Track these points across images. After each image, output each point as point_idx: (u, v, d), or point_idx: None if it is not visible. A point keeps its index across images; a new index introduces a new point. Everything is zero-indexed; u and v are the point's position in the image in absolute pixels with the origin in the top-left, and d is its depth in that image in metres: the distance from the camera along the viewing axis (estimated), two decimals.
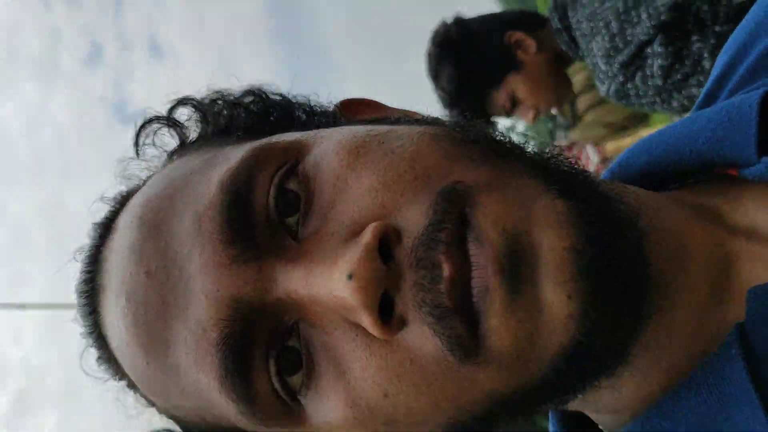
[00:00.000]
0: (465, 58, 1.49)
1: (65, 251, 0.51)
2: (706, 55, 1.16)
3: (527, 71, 1.50)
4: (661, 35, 1.17)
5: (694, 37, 1.16)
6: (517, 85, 1.51)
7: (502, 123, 1.67)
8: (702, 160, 0.45)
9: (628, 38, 1.22)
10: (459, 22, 1.52)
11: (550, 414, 0.50)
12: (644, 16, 1.19)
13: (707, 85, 0.55)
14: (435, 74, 1.52)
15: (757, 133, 0.42)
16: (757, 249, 0.41)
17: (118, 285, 0.42)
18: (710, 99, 0.54)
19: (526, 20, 1.54)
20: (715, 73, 0.55)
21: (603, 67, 1.30)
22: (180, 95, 0.51)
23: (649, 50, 1.21)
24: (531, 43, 1.47)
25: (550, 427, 0.50)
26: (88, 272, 0.47)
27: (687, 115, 0.51)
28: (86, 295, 0.47)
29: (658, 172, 0.47)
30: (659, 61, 1.19)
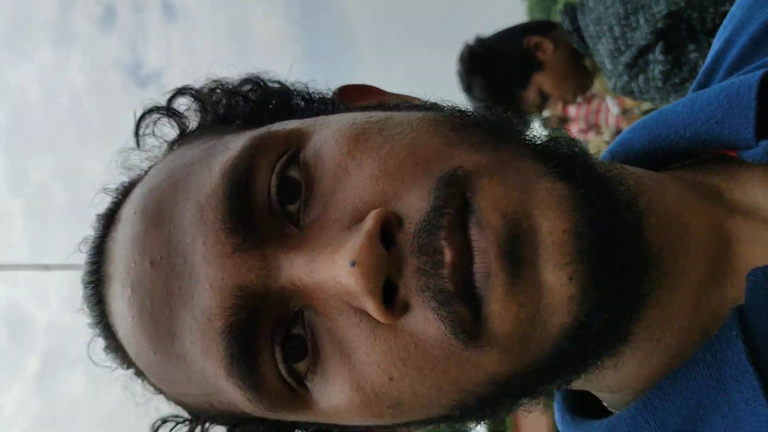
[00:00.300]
0: (492, 67, 1.65)
1: (86, 213, 0.51)
2: (701, 63, 1.28)
3: (549, 68, 1.65)
4: (661, 43, 1.32)
5: (691, 47, 1.32)
6: (542, 82, 1.66)
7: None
8: (701, 141, 0.45)
9: (629, 42, 1.38)
10: (479, 39, 1.68)
11: (554, 393, 0.51)
12: (642, 21, 1.34)
13: (706, 62, 0.54)
14: (468, 87, 1.66)
15: (756, 116, 0.42)
16: (756, 230, 0.41)
17: (123, 275, 0.43)
18: (709, 76, 0.54)
19: (538, 26, 1.71)
20: (714, 49, 0.55)
21: (609, 66, 1.47)
22: (194, 55, 0.51)
23: (650, 56, 1.37)
24: (548, 44, 1.63)
25: (555, 405, 0.51)
26: (94, 263, 0.47)
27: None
28: (92, 285, 0.47)
29: (658, 152, 0.47)
30: (660, 67, 1.35)
